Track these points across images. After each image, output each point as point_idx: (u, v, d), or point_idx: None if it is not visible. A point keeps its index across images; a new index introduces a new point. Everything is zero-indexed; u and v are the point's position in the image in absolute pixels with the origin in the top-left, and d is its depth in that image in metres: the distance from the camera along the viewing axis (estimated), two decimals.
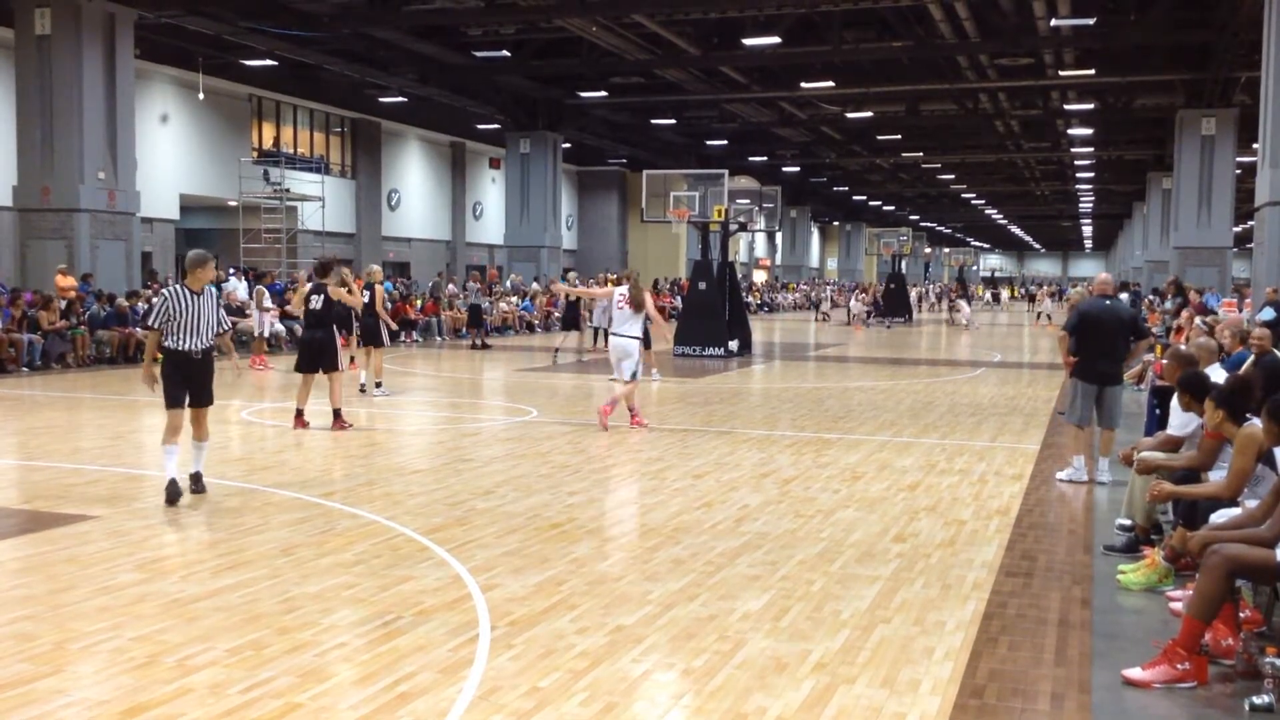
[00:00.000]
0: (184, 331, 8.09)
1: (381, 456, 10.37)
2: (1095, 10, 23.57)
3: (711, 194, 23.33)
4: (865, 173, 56.79)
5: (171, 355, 8.14)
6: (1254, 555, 4.83)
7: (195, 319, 8.11)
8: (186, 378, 8.20)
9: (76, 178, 20.62)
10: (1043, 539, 7.42)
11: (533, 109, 34.50)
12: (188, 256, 8.44)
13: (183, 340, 8.10)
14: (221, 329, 8.40)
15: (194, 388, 8.26)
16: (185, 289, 8.15)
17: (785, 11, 24.21)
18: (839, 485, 9.14)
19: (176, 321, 8.06)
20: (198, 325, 8.13)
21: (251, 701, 4.42)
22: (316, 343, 12.08)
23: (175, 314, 8.05)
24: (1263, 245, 17.82)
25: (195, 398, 8.30)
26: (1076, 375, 9.39)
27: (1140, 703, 4.63)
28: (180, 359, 8.14)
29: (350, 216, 36.61)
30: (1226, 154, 30.56)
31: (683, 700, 4.54)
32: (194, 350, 8.15)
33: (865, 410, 14.28)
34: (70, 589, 5.91)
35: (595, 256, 49.68)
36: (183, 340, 8.10)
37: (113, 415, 13.03)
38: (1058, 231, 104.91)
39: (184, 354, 8.13)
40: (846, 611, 5.73)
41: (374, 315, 14.63)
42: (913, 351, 26.66)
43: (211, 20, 23.45)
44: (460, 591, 5.96)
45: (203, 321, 8.16)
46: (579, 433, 12.03)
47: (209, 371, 8.34)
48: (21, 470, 9.48)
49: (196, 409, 8.33)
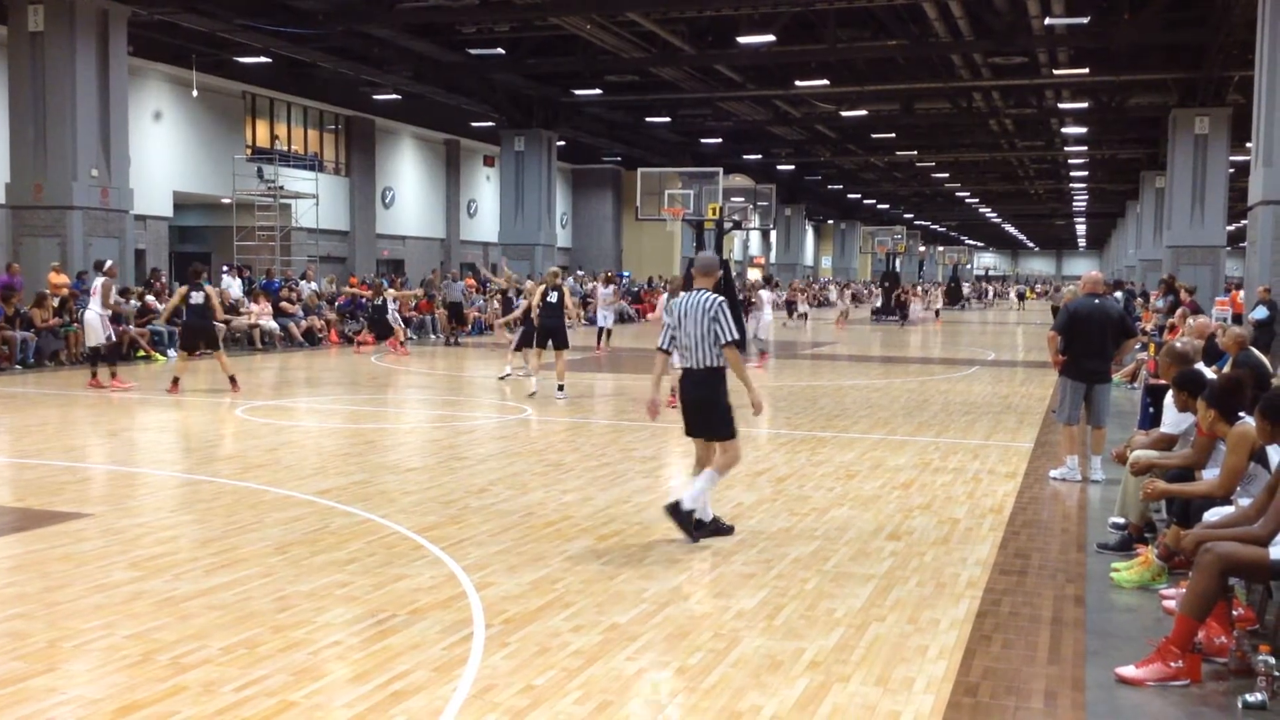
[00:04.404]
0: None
1: (375, 454, 10.36)
2: (1089, 9, 23.60)
3: (706, 192, 23.36)
4: (860, 171, 56.86)
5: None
6: (1247, 553, 4.84)
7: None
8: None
9: (70, 175, 20.56)
10: (1036, 537, 7.43)
11: (527, 107, 34.47)
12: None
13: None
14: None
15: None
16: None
17: (780, 10, 24.22)
18: (833, 483, 9.15)
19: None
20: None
21: (245, 700, 4.41)
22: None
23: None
24: (1256, 244, 17.86)
25: None
26: (1065, 374, 9.42)
27: (1133, 701, 4.64)
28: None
29: (345, 214, 36.56)
30: (1220, 153, 30.62)
31: (677, 698, 4.54)
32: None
33: (859, 408, 14.29)
34: (64, 587, 5.90)
35: (590, 254, 49.68)
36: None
37: (106, 413, 13.00)
38: (1051, 230, 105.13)
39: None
40: (840, 610, 5.73)
41: (557, 316, 14.79)
42: (906, 350, 26.68)
43: (205, 17, 23.38)
44: (454, 590, 5.96)
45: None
46: (574, 431, 12.03)
47: None
48: (14, 468, 9.45)
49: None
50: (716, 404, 7.09)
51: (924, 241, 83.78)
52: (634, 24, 25.93)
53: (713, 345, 7.02)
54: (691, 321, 7.05)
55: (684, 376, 7.24)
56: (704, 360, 7.06)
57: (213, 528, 7.29)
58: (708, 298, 7.08)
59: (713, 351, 7.04)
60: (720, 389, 7.09)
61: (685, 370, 7.21)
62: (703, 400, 7.12)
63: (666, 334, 7.30)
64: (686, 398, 7.24)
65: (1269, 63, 16.83)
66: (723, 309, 7.06)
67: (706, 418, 7.15)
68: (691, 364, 7.13)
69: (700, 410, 7.16)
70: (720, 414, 7.11)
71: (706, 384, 7.09)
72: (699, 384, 7.13)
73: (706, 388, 7.10)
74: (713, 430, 7.16)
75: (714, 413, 7.11)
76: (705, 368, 7.07)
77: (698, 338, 7.03)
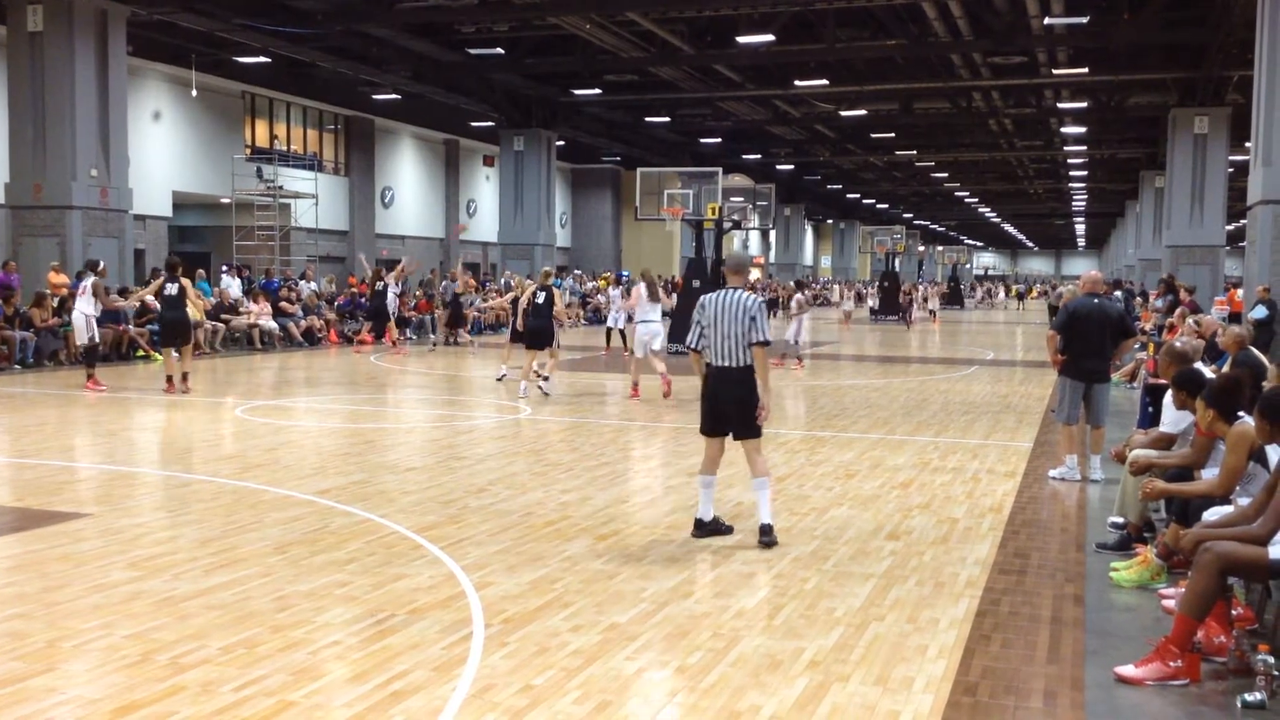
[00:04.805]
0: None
1: (375, 454, 10.35)
2: (1088, 9, 23.60)
3: (705, 192, 23.32)
4: (859, 171, 56.84)
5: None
6: (1246, 553, 4.84)
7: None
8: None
9: (69, 175, 20.54)
10: (1035, 537, 7.43)
11: (527, 107, 34.46)
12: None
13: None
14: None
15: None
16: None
17: (779, 10, 24.21)
18: (832, 483, 9.15)
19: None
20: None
21: (244, 700, 4.41)
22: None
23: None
24: (1255, 244, 17.86)
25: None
26: (1065, 373, 9.41)
27: (1133, 700, 4.64)
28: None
29: (344, 214, 36.56)
30: (1219, 152, 30.61)
31: (676, 698, 4.54)
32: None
33: (858, 408, 14.29)
34: (63, 587, 5.89)
35: (589, 254, 49.69)
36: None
37: (105, 413, 12.99)
38: (1051, 230, 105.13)
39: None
40: (840, 609, 5.73)
41: (543, 317, 14.94)
42: (906, 349, 26.68)
43: (204, 17, 23.37)
44: (454, 589, 5.96)
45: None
46: (572, 431, 12.03)
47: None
48: (14, 468, 9.45)
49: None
50: (754, 403, 7.06)
51: (923, 241, 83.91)
52: (633, 23, 25.92)
53: (747, 344, 6.98)
54: (729, 319, 6.98)
55: (718, 375, 7.09)
56: (742, 358, 7.01)
57: (212, 528, 7.29)
58: (747, 297, 7.03)
59: (749, 350, 7.01)
60: (755, 388, 7.06)
61: (720, 369, 7.07)
62: (743, 399, 7.04)
63: (697, 332, 7.17)
64: (721, 397, 7.10)
65: (1268, 62, 16.83)
66: (762, 310, 7.05)
67: (745, 417, 7.06)
68: (729, 362, 7.03)
69: (740, 409, 7.05)
70: (754, 413, 7.08)
71: (745, 383, 7.04)
72: (739, 382, 7.05)
73: (745, 387, 7.04)
74: (749, 429, 7.09)
75: (751, 412, 7.07)
76: (743, 366, 7.02)
77: (736, 335, 6.97)
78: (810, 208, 70.38)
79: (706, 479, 7.23)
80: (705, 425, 7.28)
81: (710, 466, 7.23)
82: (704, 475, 7.24)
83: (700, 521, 7.18)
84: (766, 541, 6.97)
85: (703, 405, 7.26)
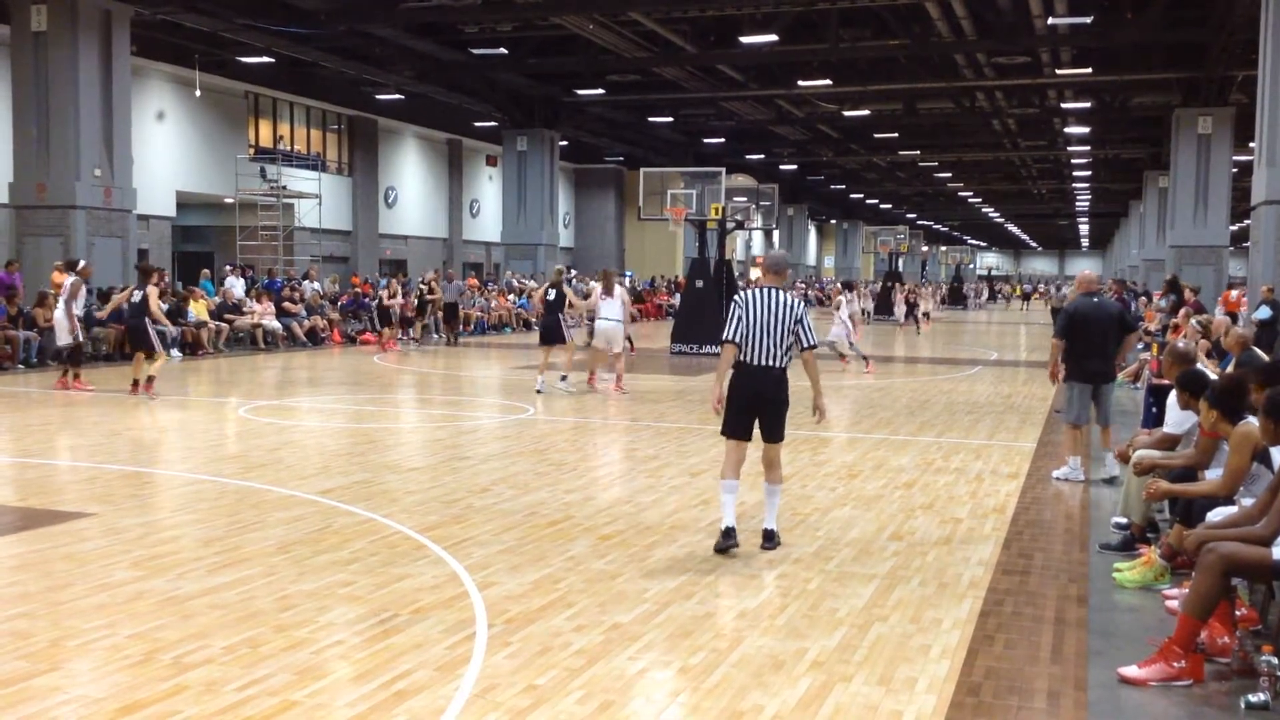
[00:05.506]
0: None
1: (378, 454, 10.36)
2: (1092, 9, 23.58)
3: (708, 192, 23.34)
4: (862, 171, 56.80)
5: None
6: (1250, 553, 4.84)
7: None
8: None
9: (72, 175, 20.57)
10: (1039, 537, 7.42)
11: (530, 107, 34.47)
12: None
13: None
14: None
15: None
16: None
17: (782, 9, 24.21)
18: (835, 483, 9.14)
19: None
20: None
21: (247, 699, 4.42)
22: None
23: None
24: (1259, 244, 17.84)
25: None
26: (1070, 377, 9.39)
27: (1136, 701, 4.64)
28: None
29: (347, 214, 36.57)
30: (1223, 153, 30.58)
31: (679, 698, 4.54)
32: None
33: (861, 408, 14.28)
34: (66, 586, 5.90)
35: (592, 254, 49.63)
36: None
37: (109, 412, 13.01)
38: (1054, 230, 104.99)
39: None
40: (843, 610, 5.73)
41: (554, 314, 15.48)
42: (908, 349, 26.66)
43: (208, 17, 23.39)
44: (457, 589, 5.96)
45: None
46: (576, 431, 12.03)
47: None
48: (17, 467, 9.46)
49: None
50: (788, 405, 7.02)
51: (926, 241, 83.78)
52: (636, 23, 25.92)
53: (790, 348, 6.90)
54: (773, 320, 6.85)
55: (759, 375, 6.86)
56: (781, 360, 6.93)
57: (215, 527, 7.30)
58: (793, 300, 6.96)
59: (789, 354, 6.93)
60: (788, 390, 7.02)
61: (761, 368, 6.85)
62: (781, 401, 6.96)
63: (736, 326, 6.86)
64: (757, 397, 6.90)
65: (1272, 62, 16.82)
66: (807, 313, 7.03)
67: (778, 419, 6.99)
68: (770, 362, 6.86)
69: (776, 411, 6.97)
70: (785, 415, 7.04)
71: (783, 385, 6.96)
72: (777, 384, 6.94)
73: (783, 389, 6.97)
74: (779, 432, 7.02)
75: (784, 414, 7.01)
76: (782, 367, 6.96)
77: (779, 336, 6.86)
78: (813, 208, 70.36)
79: (731, 484, 6.88)
80: (730, 426, 6.98)
81: (734, 470, 6.94)
82: (729, 480, 6.89)
83: (731, 530, 6.83)
84: (769, 546, 6.95)
85: (729, 405, 6.98)
